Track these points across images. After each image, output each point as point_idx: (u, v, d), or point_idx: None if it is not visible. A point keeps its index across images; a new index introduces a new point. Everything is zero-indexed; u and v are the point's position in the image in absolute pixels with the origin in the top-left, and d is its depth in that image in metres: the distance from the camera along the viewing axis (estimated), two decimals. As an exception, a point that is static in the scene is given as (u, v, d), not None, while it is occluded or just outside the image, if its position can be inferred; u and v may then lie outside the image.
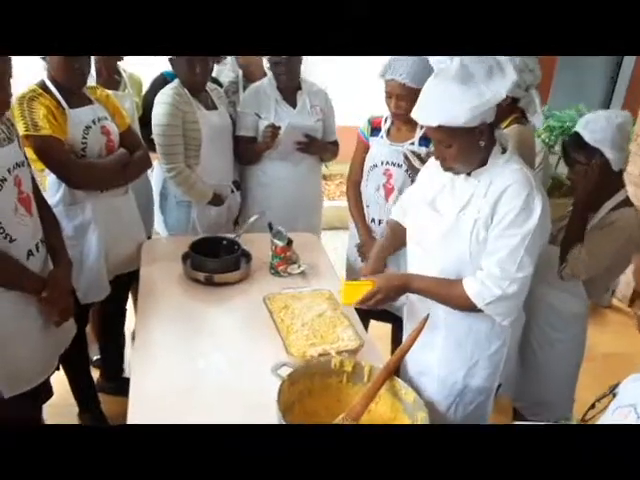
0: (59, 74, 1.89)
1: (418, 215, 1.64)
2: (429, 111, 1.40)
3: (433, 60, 1.53)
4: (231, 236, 2.27)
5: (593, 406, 1.23)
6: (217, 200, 2.47)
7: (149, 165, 2.22)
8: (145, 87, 2.76)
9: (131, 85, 2.48)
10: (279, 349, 1.71)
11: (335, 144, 2.71)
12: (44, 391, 1.86)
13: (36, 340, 1.74)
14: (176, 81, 2.34)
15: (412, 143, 2.23)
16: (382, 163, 2.27)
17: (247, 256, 2.17)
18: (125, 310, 2.56)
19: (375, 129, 2.33)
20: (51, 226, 1.80)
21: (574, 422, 1.53)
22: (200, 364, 1.67)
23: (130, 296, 2.61)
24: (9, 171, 1.59)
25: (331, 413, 1.44)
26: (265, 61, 2.76)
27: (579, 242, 1.77)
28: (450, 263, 1.50)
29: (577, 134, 1.80)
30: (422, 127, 2.24)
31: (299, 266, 2.17)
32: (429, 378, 1.65)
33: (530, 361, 1.94)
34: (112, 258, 2.17)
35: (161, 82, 2.63)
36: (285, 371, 1.44)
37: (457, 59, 1.37)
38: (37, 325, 1.73)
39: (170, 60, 2.33)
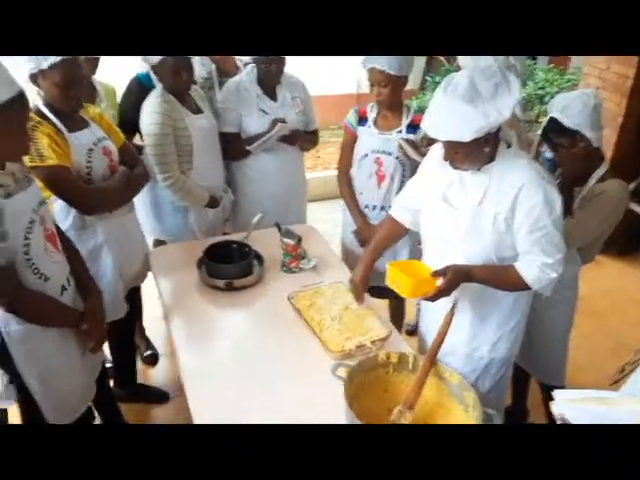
0: (56, 101, 1.85)
1: (433, 211, 1.74)
2: (438, 126, 1.51)
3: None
4: (238, 238, 2.33)
5: (623, 370, 1.42)
6: (213, 202, 2.50)
7: (149, 178, 2.22)
8: (119, 93, 2.71)
9: (106, 96, 2.42)
10: (315, 346, 1.83)
11: (315, 133, 2.77)
12: (88, 418, 1.91)
13: (77, 371, 1.78)
14: (160, 88, 2.31)
15: (400, 131, 2.34)
16: (373, 152, 2.37)
17: (259, 257, 2.24)
18: (135, 319, 2.59)
19: (362, 119, 2.42)
20: (74, 257, 1.80)
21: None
22: (247, 371, 1.76)
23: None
24: (35, 212, 1.58)
25: (384, 406, 1.58)
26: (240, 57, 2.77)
27: (569, 214, 1.95)
28: (474, 256, 1.64)
29: (555, 120, 1.94)
30: (408, 115, 2.37)
31: (309, 260, 2.26)
32: (455, 357, 1.79)
33: (536, 325, 2.14)
34: (125, 275, 2.19)
35: (137, 86, 2.59)
36: (341, 371, 1.56)
37: (466, 75, 1.46)
38: (76, 356, 1.77)
39: (153, 67, 2.29)
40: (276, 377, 1.73)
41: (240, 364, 1.80)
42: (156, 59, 2.22)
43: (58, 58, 1.79)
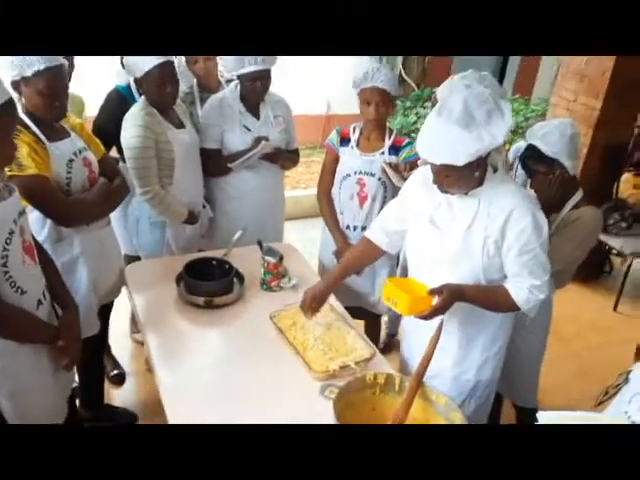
0: (38, 110, 1.79)
1: (420, 233, 1.75)
2: (433, 150, 1.53)
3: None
4: (218, 255, 2.30)
5: (607, 392, 1.45)
6: (192, 218, 2.46)
7: (128, 191, 2.17)
8: (87, 106, 2.66)
9: (74, 106, 2.37)
10: (297, 366, 1.81)
11: (296, 152, 2.77)
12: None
13: (49, 389, 1.70)
14: (142, 100, 2.28)
15: (382, 153, 2.37)
16: (355, 173, 2.39)
17: (239, 275, 2.21)
18: (106, 337, 2.50)
19: (344, 139, 2.44)
20: (50, 269, 1.73)
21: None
22: (228, 390, 1.73)
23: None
24: (15, 222, 1.52)
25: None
26: (221, 72, 2.76)
27: None
28: (463, 278, 1.65)
29: (534, 147, 2.00)
30: (390, 136, 2.40)
31: (289, 279, 2.24)
32: (442, 380, 1.79)
33: (511, 348, 2.17)
34: (99, 291, 2.12)
35: (116, 97, 2.56)
36: (329, 392, 1.54)
37: (461, 100, 1.48)
38: (49, 373, 1.69)
39: (136, 80, 2.26)
40: (258, 396, 1.70)
41: (221, 383, 1.76)
42: (141, 71, 2.19)
43: (42, 65, 1.74)
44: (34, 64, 1.73)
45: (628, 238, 3.80)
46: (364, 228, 2.42)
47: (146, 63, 2.16)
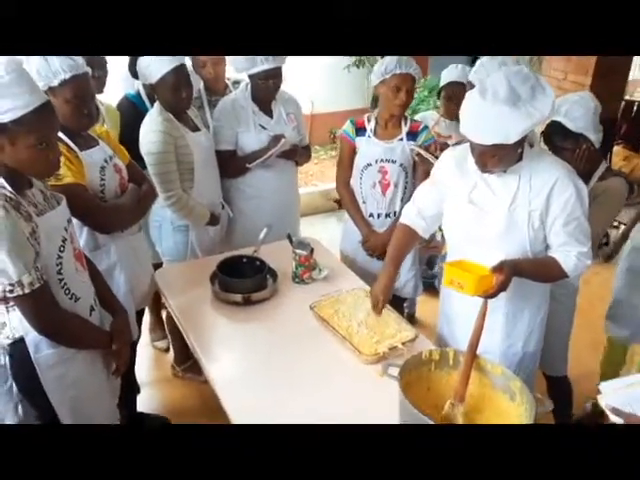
0: (67, 119, 1.79)
1: (461, 214, 1.77)
2: (483, 131, 1.53)
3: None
4: (248, 252, 2.31)
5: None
6: (214, 220, 2.47)
7: (156, 195, 2.17)
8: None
9: (109, 118, 2.38)
10: (344, 352, 1.85)
11: (308, 148, 2.80)
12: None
13: (104, 394, 1.72)
14: (158, 106, 2.28)
15: (401, 139, 2.41)
16: (377, 161, 2.42)
17: (271, 270, 2.23)
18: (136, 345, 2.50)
19: (360, 129, 2.47)
20: (97, 276, 1.74)
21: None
22: (282, 381, 1.75)
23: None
24: (66, 229, 1.53)
25: (427, 403, 1.59)
26: (231, 74, 2.78)
27: None
28: (511, 254, 1.67)
29: (559, 123, 2.02)
30: (406, 123, 2.44)
31: (320, 271, 2.27)
32: (491, 356, 1.77)
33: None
34: (135, 296, 2.12)
35: (127, 105, 2.57)
36: (392, 370, 1.57)
37: (504, 80, 1.50)
38: (104, 378, 1.71)
39: (150, 86, 2.26)
40: (315, 383, 1.74)
41: (274, 375, 1.78)
42: (155, 77, 2.20)
43: (68, 74, 1.74)
44: (60, 73, 1.73)
45: (625, 208, 3.90)
46: (388, 215, 2.46)
47: (160, 69, 2.17)
